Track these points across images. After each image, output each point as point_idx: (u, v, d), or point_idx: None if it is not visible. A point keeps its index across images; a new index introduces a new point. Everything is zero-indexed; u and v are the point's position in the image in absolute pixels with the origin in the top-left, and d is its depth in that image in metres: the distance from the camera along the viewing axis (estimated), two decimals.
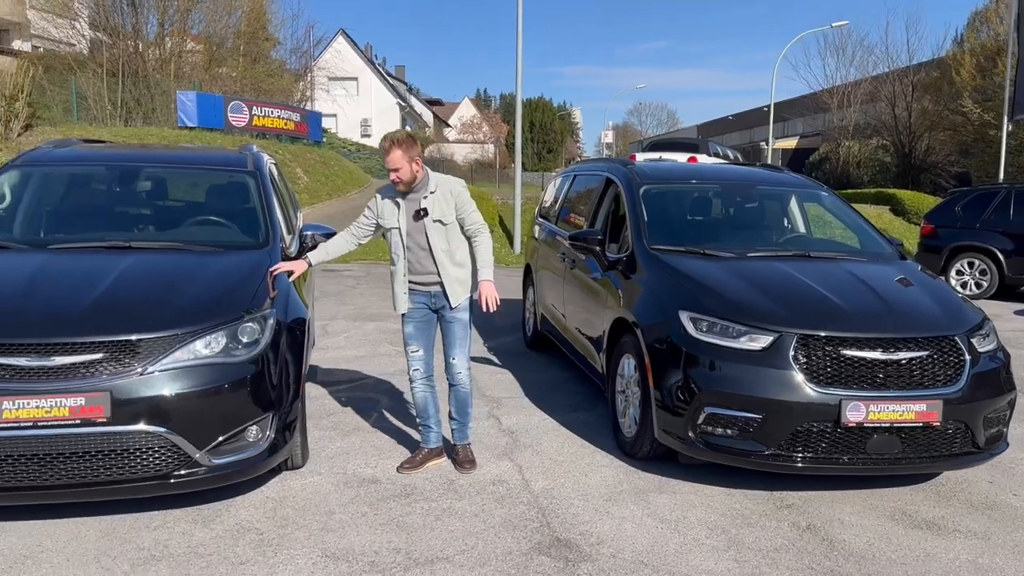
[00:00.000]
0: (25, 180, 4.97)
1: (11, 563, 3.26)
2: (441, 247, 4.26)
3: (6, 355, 3.37)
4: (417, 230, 4.25)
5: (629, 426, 4.67)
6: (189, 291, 3.88)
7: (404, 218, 4.26)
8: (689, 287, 4.51)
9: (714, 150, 20.19)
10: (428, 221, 4.23)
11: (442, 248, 4.26)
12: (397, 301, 4.35)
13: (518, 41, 16.79)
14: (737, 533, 3.74)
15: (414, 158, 4.16)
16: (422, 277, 4.30)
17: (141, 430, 3.43)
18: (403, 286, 4.31)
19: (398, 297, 4.34)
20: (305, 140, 27.98)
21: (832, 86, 39.37)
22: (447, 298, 4.30)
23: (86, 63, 24.79)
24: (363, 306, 9.88)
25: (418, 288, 4.33)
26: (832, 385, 3.96)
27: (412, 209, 4.25)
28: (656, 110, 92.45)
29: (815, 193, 6.10)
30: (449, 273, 4.28)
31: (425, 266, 4.28)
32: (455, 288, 4.30)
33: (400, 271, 4.29)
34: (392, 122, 52.74)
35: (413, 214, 4.24)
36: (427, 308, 4.37)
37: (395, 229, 4.28)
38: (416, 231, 4.26)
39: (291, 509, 3.85)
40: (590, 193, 6.53)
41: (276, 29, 33.07)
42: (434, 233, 4.24)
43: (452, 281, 4.29)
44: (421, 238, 4.25)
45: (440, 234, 4.26)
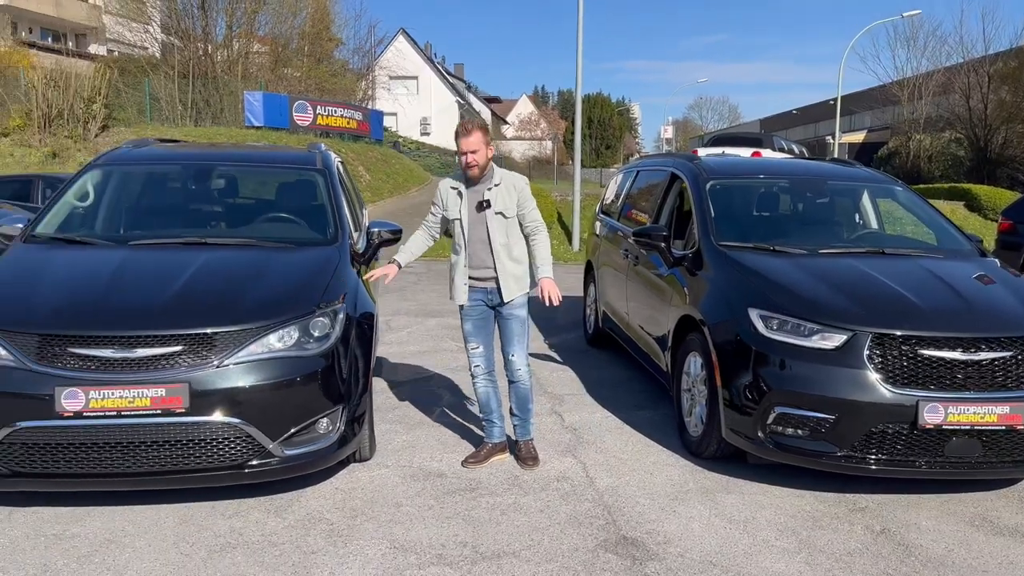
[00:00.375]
0: (107, 179, 5.16)
1: (96, 547, 3.40)
2: (500, 240, 4.27)
3: (93, 347, 3.51)
4: (478, 221, 4.27)
5: (695, 425, 4.61)
6: (262, 286, 3.98)
7: (466, 209, 4.29)
8: (758, 284, 4.43)
9: (779, 145, 19.80)
10: (490, 213, 4.25)
11: (501, 242, 4.28)
12: (456, 291, 4.37)
13: (578, 38, 16.72)
14: (808, 535, 3.67)
15: (489, 145, 4.23)
16: (479, 272, 4.32)
17: (217, 421, 3.54)
18: (463, 276, 4.33)
19: (457, 287, 4.35)
20: (367, 139, 28.40)
21: (902, 78, 38.16)
22: (500, 293, 4.30)
23: (158, 65, 25.65)
24: (425, 302, 9.98)
25: (476, 284, 4.34)
26: (909, 386, 3.85)
27: (475, 200, 4.27)
28: (717, 104, 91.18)
29: (889, 188, 5.92)
30: (505, 268, 4.29)
31: (483, 259, 4.29)
32: (509, 283, 4.30)
33: (461, 262, 4.32)
34: (451, 120, 53.04)
35: (476, 205, 4.26)
36: (484, 305, 4.39)
37: (456, 220, 4.31)
38: (477, 222, 4.28)
39: (360, 501, 3.92)
40: (654, 189, 6.47)
41: (339, 29, 33.69)
42: (494, 225, 4.26)
43: (507, 276, 4.30)
44: (481, 230, 4.27)
45: (500, 227, 4.28)
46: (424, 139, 48.67)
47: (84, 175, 5.11)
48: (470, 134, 4.16)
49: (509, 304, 4.34)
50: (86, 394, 3.41)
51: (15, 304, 3.76)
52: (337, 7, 33.18)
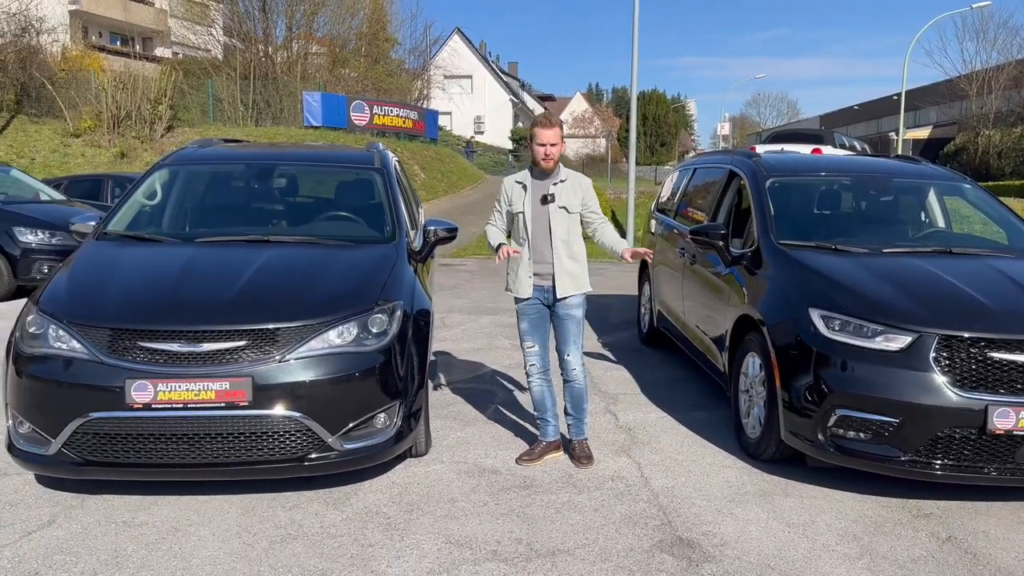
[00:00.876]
0: (173, 178, 5.32)
1: (163, 534, 3.52)
2: (561, 236, 4.30)
3: (161, 341, 3.63)
4: (541, 215, 4.30)
5: (753, 427, 4.55)
6: (323, 283, 4.06)
7: (530, 202, 4.32)
8: (820, 284, 4.34)
9: (840, 141, 19.30)
10: (553, 207, 4.28)
11: (561, 237, 4.30)
12: (520, 285, 4.36)
13: (634, 35, 16.60)
14: (870, 541, 3.58)
15: (563, 141, 4.34)
16: (540, 267, 4.34)
17: (279, 414, 3.62)
18: (528, 271, 4.34)
19: (522, 281, 4.36)
20: (422, 138, 28.68)
21: (971, 71, 36.93)
22: (554, 289, 4.31)
23: (221, 67, 26.37)
24: (478, 299, 10.04)
25: (536, 282, 4.36)
26: (977, 389, 3.73)
27: (539, 194, 4.31)
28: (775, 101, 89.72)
29: (957, 185, 5.74)
30: (563, 264, 4.31)
31: (543, 254, 4.32)
32: (564, 280, 4.31)
33: (525, 255, 4.33)
34: (505, 119, 53.30)
35: (540, 198, 4.30)
36: (541, 303, 4.40)
37: (520, 213, 4.34)
38: (540, 216, 4.31)
39: (416, 495, 3.97)
40: (711, 187, 6.39)
41: (396, 29, 34.13)
42: (556, 220, 4.29)
43: (563, 273, 4.31)
44: (543, 224, 4.30)
45: (562, 222, 4.30)
46: (478, 137, 48.91)
47: (152, 175, 5.28)
48: (553, 126, 4.27)
49: (566, 304, 4.35)
50: (154, 387, 3.52)
51: (88, 299, 3.91)
52: (393, 8, 33.64)
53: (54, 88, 21.97)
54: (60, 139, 20.83)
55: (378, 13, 31.69)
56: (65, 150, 20.34)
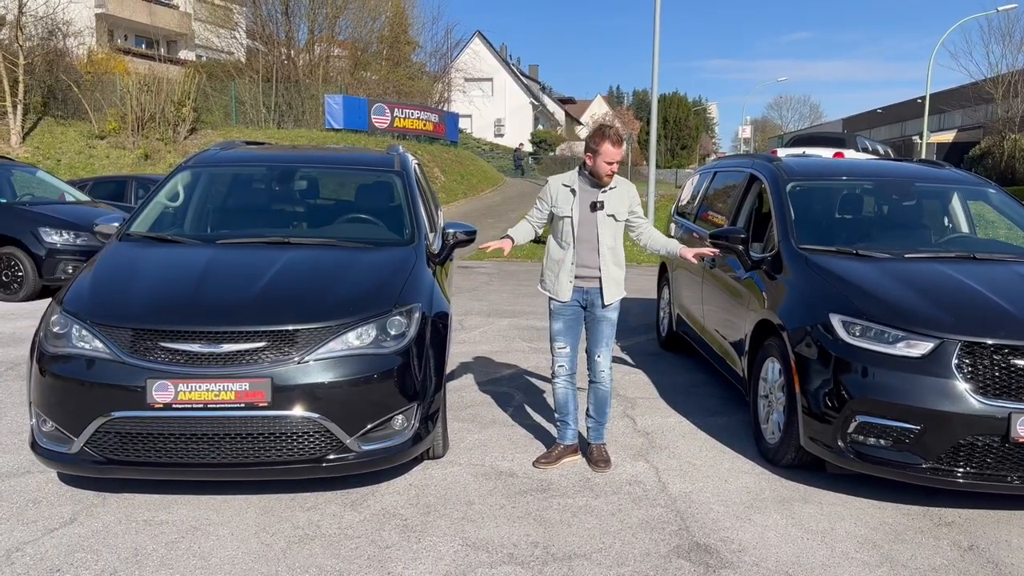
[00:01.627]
0: (196, 179, 5.38)
1: (183, 533, 3.55)
2: (608, 243, 4.32)
3: (182, 341, 3.66)
4: (588, 222, 4.31)
5: (772, 432, 4.51)
6: (342, 285, 4.08)
7: (578, 208, 4.32)
8: (841, 289, 4.30)
9: (863, 145, 19.12)
10: (601, 215, 4.30)
11: (608, 244, 4.33)
12: (561, 288, 4.37)
13: (655, 38, 16.55)
14: (890, 549, 3.54)
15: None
16: (582, 271, 4.35)
17: (298, 415, 3.65)
18: (569, 274, 4.35)
19: (563, 284, 4.36)
20: (442, 140, 28.79)
21: (997, 75, 36.44)
22: (602, 295, 4.34)
23: (243, 70, 26.62)
24: (496, 302, 10.05)
25: (576, 284, 4.37)
26: (1001, 397, 3.68)
27: (588, 200, 4.32)
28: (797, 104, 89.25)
29: (981, 191, 5.67)
30: (610, 271, 4.34)
31: (587, 259, 4.33)
32: (611, 287, 4.35)
33: (568, 259, 4.34)
34: (525, 121, 53.33)
35: (589, 205, 4.31)
36: (578, 304, 4.41)
37: (567, 218, 4.34)
38: (587, 222, 4.32)
39: (433, 497, 3.98)
40: (732, 190, 6.36)
41: (417, 33, 34.29)
42: (604, 228, 4.31)
43: (610, 280, 4.34)
44: (591, 230, 4.32)
45: (609, 230, 4.33)
46: (498, 140, 48.97)
47: (175, 176, 5.34)
48: (621, 145, 4.27)
49: (605, 306, 4.36)
50: (175, 387, 3.56)
51: (111, 299, 3.95)
52: (415, 11, 33.83)
53: (80, 90, 22.28)
54: (85, 141, 21.13)
55: (400, 16, 31.85)
56: (90, 152, 20.63)
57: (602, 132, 4.29)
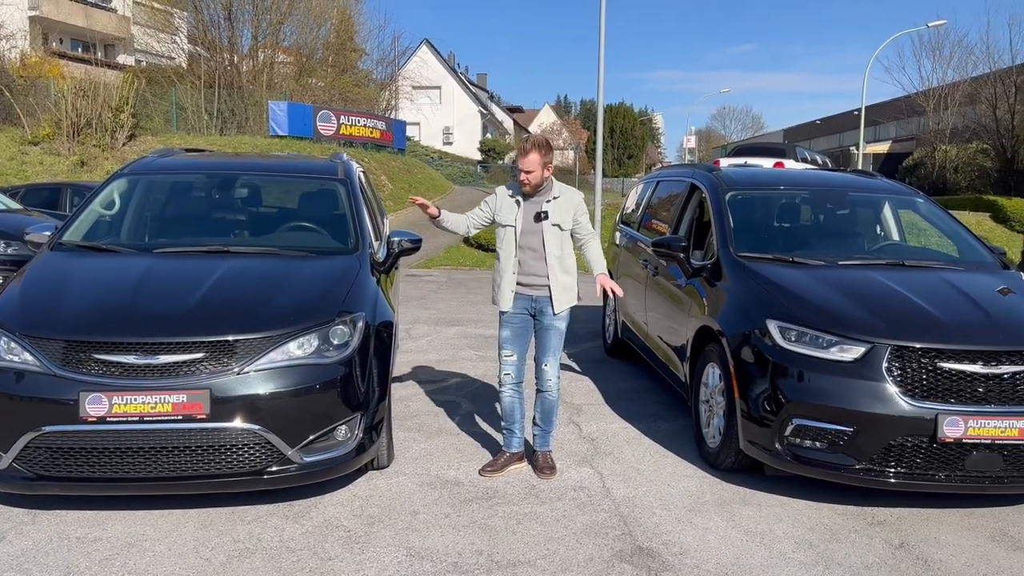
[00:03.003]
0: (132, 187, 5.25)
1: (117, 550, 3.46)
2: (555, 252, 4.35)
3: (116, 353, 3.57)
4: (533, 232, 4.34)
5: (713, 436, 4.60)
6: (283, 294, 4.03)
7: (522, 218, 4.35)
8: (777, 295, 4.41)
9: (802, 155, 19.65)
10: (547, 224, 4.33)
11: (555, 254, 4.35)
12: (501, 297, 4.39)
13: (600, 48, 16.77)
14: (826, 548, 3.64)
15: (547, 164, 4.31)
16: (529, 279, 4.37)
17: (238, 427, 3.59)
18: (511, 283, 4.37)
19: (504, 294, 4.38)
20: (390, 148, 28.61)
21: (928, 88, 37.82)
22: (551, 303, 4.37)
23: (185, 75, 26.05)
24: (444, 311, 10.03)
25: (522, 291, 4.39)
26: (928, 399, 3.82)
27: (532, 211, 4.34)
28: (740, 114, 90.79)
29: (910, 199, 5.88)
30: (558, 279, 4.36)
31: (534, 268, 4.35)
32: (560, 295, 4.37)
33: (509, 269, 4.36)
34: (474, 130, 53.39)
35: (533, 216, 4.33)
36: (526, 313, 4.43)
37: (510, 227, 4.36)
38: (532, 232, 4.34)
39: (377, 508, 3.95)
40: (674, 199, 6.47)
41: (363, 40, 34.00)
42: (550, 237, 4.33)
43: (559, 288, 4.37)
44: (536, 240, 4.34)
45: (556, 239, 4.35)
46: (447, 148, 48.92)
47: (110, 184, 5.21)
48: (527, 154, 4.25)
49: (556, 315, 4.39)
50: (109, 399, 3.47)
51: (42, 310, 3.84)
52: (361, 18, 33.50)
53: (12, 95, 21.53)
54: (17, 147, 20.42)
55: (346, 23, 31.57)
56: (23, 158, 19.94)
57: (518, 145, 4.35)
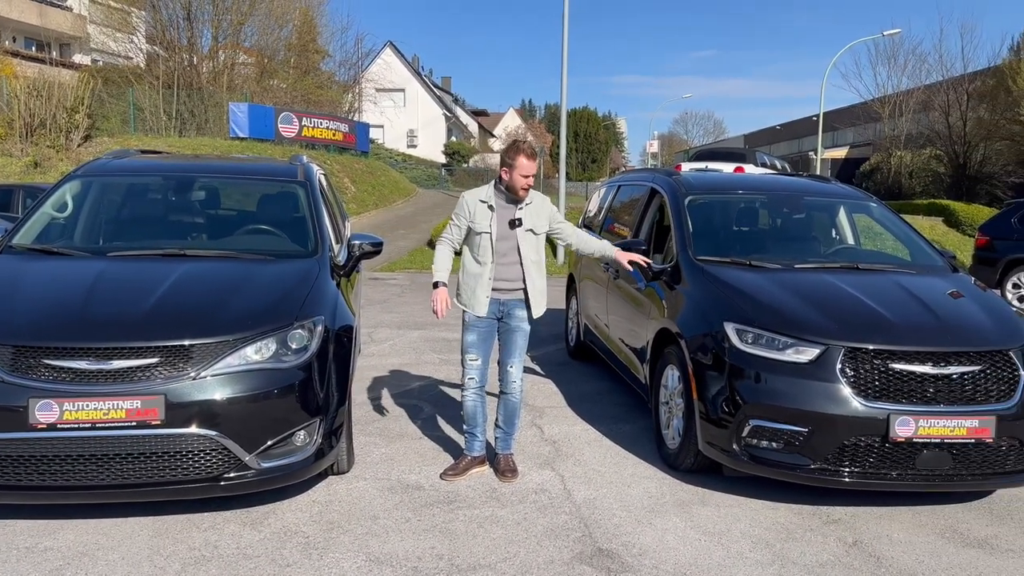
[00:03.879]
0: (86, 190, 5.15)
1: (68, 559, 3.38)
2: (531, 257, 4.36)
3: (68, 358, 3.50)
4: (507, 238, 4.34)
5: (672, 438, 4.65)
6: (241, 298, 3.98)
7: (496, 224, 4.33)
8: (734, 298, 4.48)
9: (761, 160, 19.94)
10: (521, 231, 4.34)
11: (532, 259, 4.37)
12: (478, 303, 4.37)
13: (563, 52, 16.85)
14: (782, 547, 3.70)
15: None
16: (502, 284, 4.37)
17: (193, 433, 3.53)
18: (487, 289, 4.36)
19: (479, 299, 4.36)
20: (353, 151, 28.42)
21: (883, 95, 38.64)
22: (529, 308, 4.39)
23: (143, 76, 25.61)
24: (408, 314, 9.99)
25: (494, 296, 4.38)
26: (880, 399, 3.90)
27: (506, 217, 4.34)
28: (702, 119, 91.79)
29: (864, 204, 6.01)
30: (535, 284, 4.38)
31: (506, 274, 4.36)
32: (538, 299, 4.40)
33: (486, 275, 4.34)
34: (438, 133, 53.25)
35: (508, 222, 4.32)
36: (493, 317, 4.43)
37: (486, 234, 4.34)
38: (506, 238, 4.34)
39: (337, 513, 3.92)
40: (635, 203, 6.53)
41: (326, 42, 33.72)
42: (525, 243, 4.35)
43: (536, 292, 4.38)
44: (510, 246, 4.34)
45: (531, 244, 4.37)
46: (411, 151, 48.73)
47: (63, 186, 5.10)
48: (535, 159, 4.29)
49: (518, 316, 4.41)
50: (60, 406, 3.40)
51: None
52: (324, 20, 33.20)
53: None
54: None
55: (308, 25, 31.27)
56: None
57: (517, 147, 4.32)
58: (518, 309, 4.41)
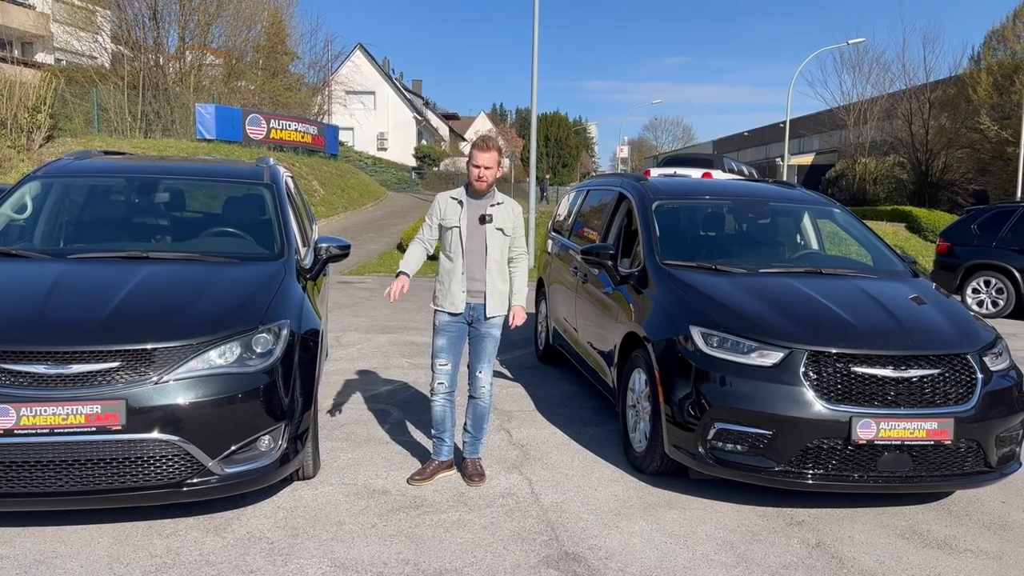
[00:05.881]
0: (46, 191, 5.05)
1: (25, 568, 3.31)
2: (495, 256, 4.37)
3: (25, 363, 3.43)
4: (477, 233, 4.33)
5: (639, 441, 4.67)
6: (204, 301, 3.93)
7: (466, 218, 4.33)
8: (700, 302, 4.52)
9: (729, 166, 20.19)
10: (490, 227, 4.34)
11: (495, 257, 4.37)
12: (455, 299, 4.35)
13: (534, 57, 16.91)
14: (746, 549, 3.73)
15: (500, 166, 4.34)
16: (472, 284, 4.36)
17: (155, 438, 3.48)
18: (461, 285, 4.34)
19: (455, 295, 4.34)
20: (322, 153, 28.23)
21: (849, 103, 39.28)
22: (485, 307, 4.37)
23: (107, 76, 25.18)
24: (376, 318, 9.92)
25: (466, 298, 4.37)
26: (843, 402, 3.96)
27: (476, 213, 4.34)
28: (672, 125, 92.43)
29: (828, 210, 6.10)
30: (496, 284, 4.38)
31: (476, 272, 4.35)
32: (495, 300, 4.39)
33: (458, 270, 4.33)
34: (409, 136, 53.09)
35: (478, 218, 4.33)
36: (462, 322, 4.42)
37: (455, 228, 4.34)
38: (476, 233, 4.34)
39: (301, 519, 3.88)
40: (603, 208, 6.56)
41: (295, 43, 33.45)
42: (492, 240, 4.35)
43: (494, 292, 4.38)
44: (479, 242, 4.34)
45: (498, 243, 4.37)
46: (381, 154, 48.51)
47: (22, 187, 5.00)
48: (489, 150, 4.29)
49: (488, 322, 4.40)
50: (17, 411, 3.32)
51: None
52: (293, 21, 32.92)
53: None
54: None
55: (277, 26, 30.99)
56: None
57: (474, 141, 4.39)
58: (483, 311, 4.41)
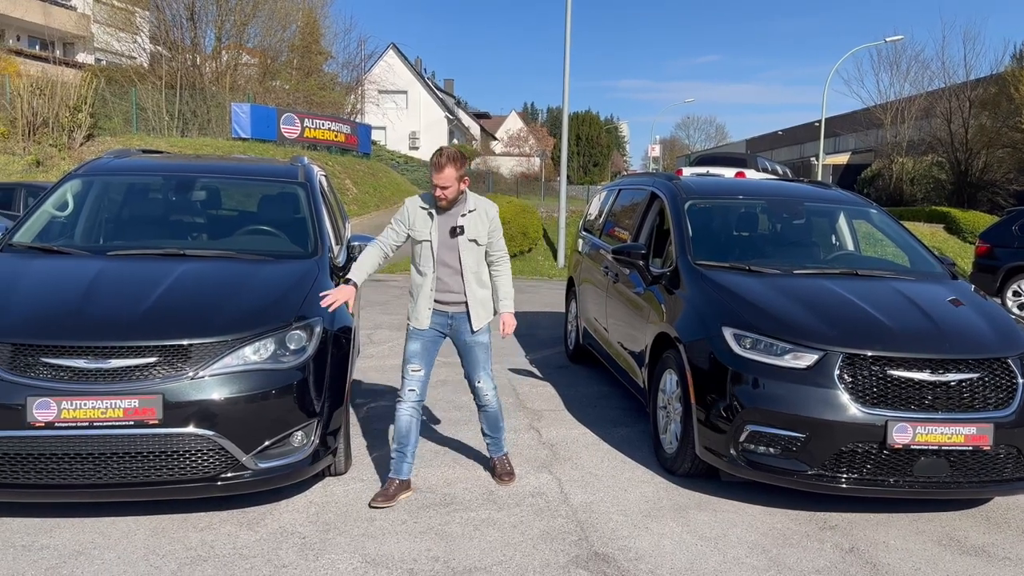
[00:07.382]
0: (87, 189, 5.16)
1: (64, 558, 3.38)
2: (471, 268, 4.19)
3: (66, 357, 3.50)
4: (449, 247, 4.16)
5: (670, 442, 4.65)
6: (240, 298, 3.99)
7: (437, 232, 4.15)
8: (733, 303, 4.48)
9: (763, 165, 19.97)
10: (463, 239, 4.16)
11: (472, 269, 4.19)
12: (420, 315, 4.20)
13: (566, 56, 16.87)
14: (778, 553, 3.70)
15: (463, 177, 4.10)
16: (446, 296, 4.20)
17: (191, 432, 3.54)
18: (428, 301, 4.19)
19: (421, 311, 4.19)
20: (355, 152, 28.42)
21: (885, 101, 38.59)
22: (469, 321, 4.23)
23: (146, 75, 25.62)
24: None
25: (440, 308, 4.22)
26: (878, 406, 3.90)
27: (447, 225, 4.15)
28: (704, 124, 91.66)
29: (864, 210, 6.01)
30: (475, 295, 4.22)
31: (451, 285, 4.19)
32: (478, 311, 4.23)
33: (427, 285, 4.19)
34: (440, 135, 53.27)
35: (449, 230, 4.16)
36: (438, 331, 4.26)
37: (426, 242, 4.16)
38: (448, 247, 4.16)
39: (333, 514, 3.92)
40: (635, 207, 6.53)
41: (329, 43, 33.72)
42: (467, 253, 4.17)
43: (476, 303, 4.22)
44: (452, 255, 4.17)
45: (472, 254, 4.19)
46: (412, 153, 48.76)
47: (64, 185, 5.11)
48: (442, 169, 4.00)
49: (474, 334, 4.27)
50: (58, 404, 3.40)
51: None
52: (327, 21, 33.21)
53: None
54: None
55: (311, 26, 31.30)
56: None
57: (430, 159, 4.12)
58: (467, 323, 4.24)
